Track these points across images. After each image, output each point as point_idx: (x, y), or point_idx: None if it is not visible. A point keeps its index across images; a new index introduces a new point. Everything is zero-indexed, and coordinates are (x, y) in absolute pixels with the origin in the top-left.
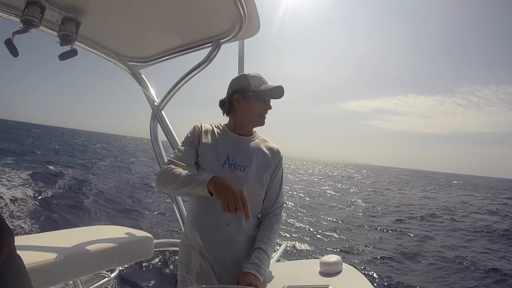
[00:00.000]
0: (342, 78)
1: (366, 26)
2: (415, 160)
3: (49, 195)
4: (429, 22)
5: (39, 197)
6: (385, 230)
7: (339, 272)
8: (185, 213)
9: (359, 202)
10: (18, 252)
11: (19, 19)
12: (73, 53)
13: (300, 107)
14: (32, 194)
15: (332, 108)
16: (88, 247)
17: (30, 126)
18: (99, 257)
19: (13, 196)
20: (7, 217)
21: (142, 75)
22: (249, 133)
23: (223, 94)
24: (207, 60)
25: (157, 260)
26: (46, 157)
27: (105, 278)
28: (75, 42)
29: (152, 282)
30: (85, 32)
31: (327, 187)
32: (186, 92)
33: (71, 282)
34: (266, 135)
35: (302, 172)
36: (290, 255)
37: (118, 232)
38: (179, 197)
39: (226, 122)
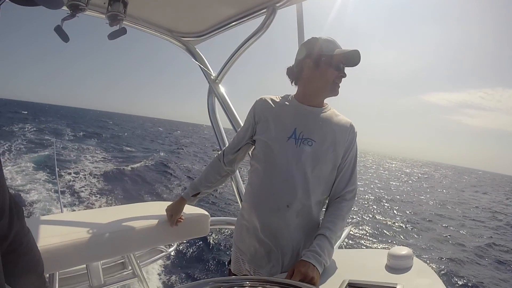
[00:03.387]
0: (424, 67)
1: (450, 9)
2: (501, 163)
3: (124, 171)
4: None
5: (115, 171)
6: (456, 231)
7: (409, 268)
8: (244, 190)
9: (434, 201)
10: (78, 227)
11: (65, 6)
12: (122, 32)
13: (372, 98)
14: (109, 169)
15: (411, 100)
16: (145, 222)
17: (116, 115)
18: (155, 233)
19: (95, 168)
20: (87, 180)
21: (197, 50)
22: (320, 104)
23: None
24: (263, 27)
25: (212, 237)
26: (129, 140)
27: (162, 252)
28: (124, 21)
29: (206, 259)
30: (134, 10)
31: (402, 185)
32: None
33: (126, 256)
34: None
35: (372, 168)
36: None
37: None
38: (238, 174)
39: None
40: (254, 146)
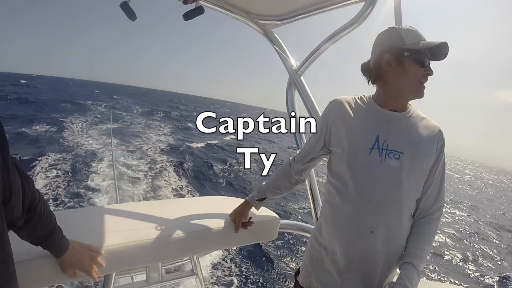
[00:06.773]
0: (504, 61)
1: None
2: None
3: (188, 149)
4: None
5: (179, 148)
6: None
7: None
8: (320, 204)
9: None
10: (141, 221)
11: None
12: (199, 11)
13: (443, 92)
14: (171, 142)
15: (486, 96)
16: (211, 223)
17: (184, 96)
18: (221, 235)
19: (158, 140)
20: (151, 155)
21: (276, 35)
22: (404, 108)
23: None
24: (358, 19)
25: (280, 241)
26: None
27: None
28: (200, 0)
29: (269, 260)
30: None
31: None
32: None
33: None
34: None
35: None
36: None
37: None
38: (315, 184)
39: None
40: (329, 157)
